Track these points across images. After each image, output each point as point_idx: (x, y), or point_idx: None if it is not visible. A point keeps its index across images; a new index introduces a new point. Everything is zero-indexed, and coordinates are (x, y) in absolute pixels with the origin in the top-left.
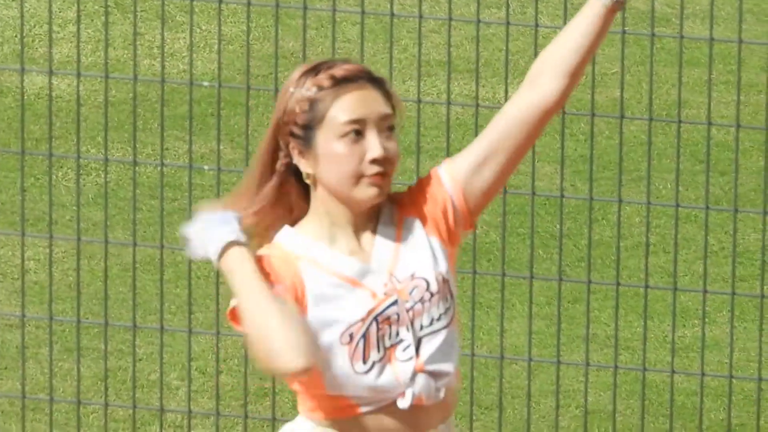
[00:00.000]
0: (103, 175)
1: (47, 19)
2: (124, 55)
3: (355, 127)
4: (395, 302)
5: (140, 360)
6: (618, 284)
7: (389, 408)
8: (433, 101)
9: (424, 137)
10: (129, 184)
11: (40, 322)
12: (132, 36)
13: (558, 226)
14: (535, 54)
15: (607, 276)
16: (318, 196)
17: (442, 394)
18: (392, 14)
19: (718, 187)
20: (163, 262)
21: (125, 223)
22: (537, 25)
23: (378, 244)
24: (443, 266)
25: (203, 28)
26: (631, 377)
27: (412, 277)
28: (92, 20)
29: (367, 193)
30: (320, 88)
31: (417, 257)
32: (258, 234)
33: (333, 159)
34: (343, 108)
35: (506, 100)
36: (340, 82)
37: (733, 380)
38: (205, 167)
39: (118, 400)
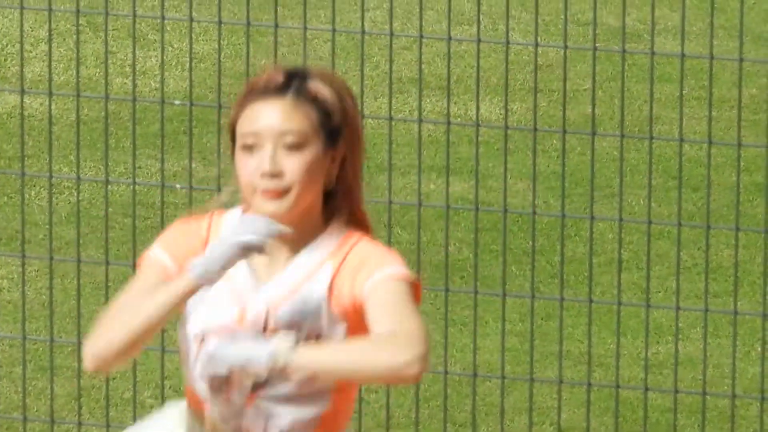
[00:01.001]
0: (75, 194)
1: (19, 38)
2: (96, 74)
3: (248, 140)
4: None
5: (113, 379)
6: (591, 301)
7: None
8: (404, 118)
9: (396, 154)
10: (101, 202)
11: (13, 341)
12: (104, 54)
13: (530, 243)
14: (507, 71)
15: (580, 292)
16: None
17: None
18: (363, 32)
19: (691, 203)
20: None
21: (98, 241)
22: (508, 42)
23: (285, 272)
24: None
25: (175, 46)
26: (605, 394)
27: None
28: (64, 39)
29: (262, 207)
30: (240, 95)
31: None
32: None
33: (236, 167)
34: (244, 119)
35: (477, 117)
36: (251, 92)
37: (707, 397)
38: (177, 185)
39: (91, 418)
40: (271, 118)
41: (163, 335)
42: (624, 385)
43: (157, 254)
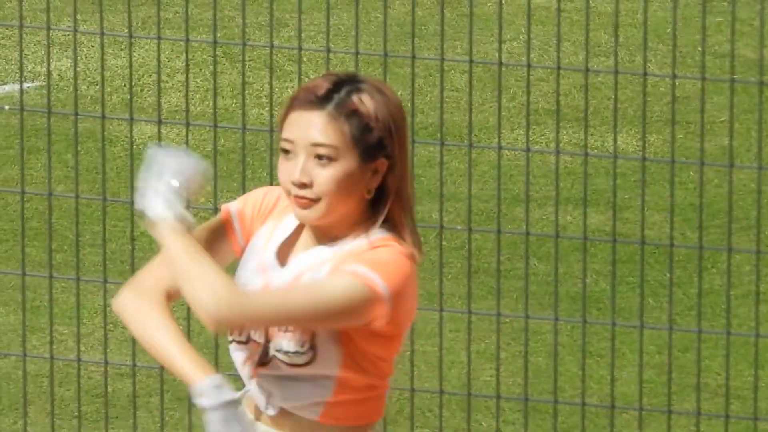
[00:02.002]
0: None
1: (156, 68)
2: (233, 104)
3: (285, 145)
4: None
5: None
6: (728, 333)
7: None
8: (541, 150)
9: (533, 186)
10: None
11: (150, 371)
12: (240, 85)
13: (668, 275)
14: (644, 102)
15: (717, 325)
16: None
17: (271, 412)
18: (500, 63)
19: None
20: None
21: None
22: (645, 74)
23: (301, 257)
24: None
25: (311, 76)
26: (743, 426)
27: None
28: (201, 69)
29: (295, 211)
30: (290, 97)
31: None
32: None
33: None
34: (286, 124)
35: (615, 148)
36: (297, 98)
37: None
38: None
39: None
40: (305, 128)
41: None
42: (762, 417)
43: (229, 205)
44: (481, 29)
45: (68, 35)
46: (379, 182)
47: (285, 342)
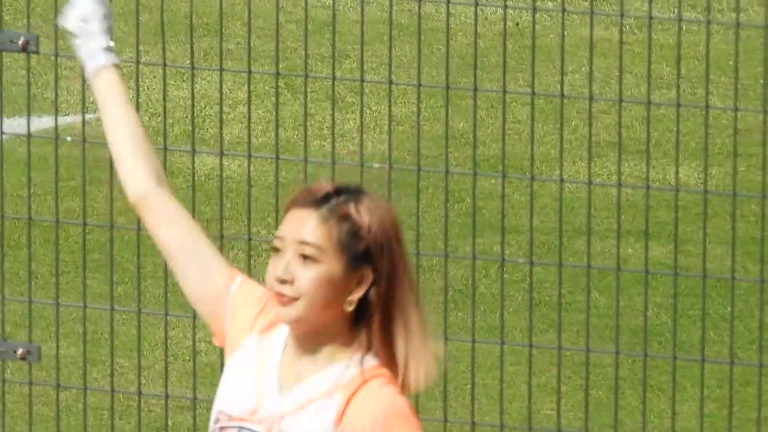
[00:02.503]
0: None
1: (218, 99)
2: (294, 136)
3: (276, 243)
4: None
5: None
6: None
7: None
8: (603, 183)
9: (595, 218)
10: None
11: (211, 404)
12: (302, 116)
13: (729, 308)
14: (706, 135)
15: None
16: None
17: None
18: (562, 95)
19: None
20: None
21: None
22: (707, 107)
23: (302, 385)
24: None
25: (373, 108)
26: None
27: None
28: (262, 101)
29: (274, 309)
30: (291, 197)
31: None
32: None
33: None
34: (282, 221)
35: (676, 181)
36: (294, 200)
37: None
38: None
39: None
40: (297, 226)
41: None
42: None
43: (237, 278)
44: (543, 61)
45: (130, 66)
46: (362, 295)
47: None
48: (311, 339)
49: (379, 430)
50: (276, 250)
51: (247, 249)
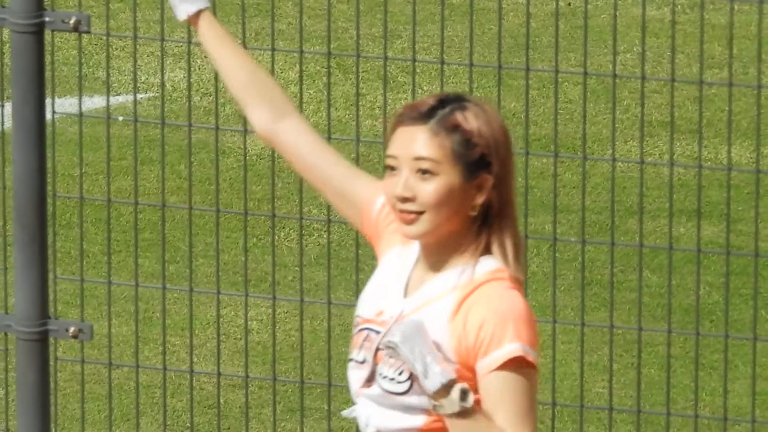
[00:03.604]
0: (325, 236)
1: None
2: (346, 116)
3: (389, 162)
4: (378, 333)
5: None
6: None
7: None
8: (655, 162)
9: (647, 198)
10: (351, 244)
11: (263, 382)
12: (354, 96)
13: None
14: (758, 114)
15: None
16: None
17: (370, 431)
18: (614, 75)
19: None
20: None
21: (347, 283)
22: (759, 86)
23: (422, 289)
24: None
25: (425, 88)
26: None
27: None
28: (314, 81)
29: (401, 227)
30: (396, 115)
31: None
32: None
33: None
34: (391, 140)
35: (728, 160)
36: (403, 115)
37: None
38: None
39: None
40: (408, 143)
41: None
42: None
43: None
44: (595, 41)
45: (182, 46)
46: (484, 199)
47: (386, 368)
48: (438, 249)
49: (494, 325)
50: (391, 168)
51: (298, 228)
